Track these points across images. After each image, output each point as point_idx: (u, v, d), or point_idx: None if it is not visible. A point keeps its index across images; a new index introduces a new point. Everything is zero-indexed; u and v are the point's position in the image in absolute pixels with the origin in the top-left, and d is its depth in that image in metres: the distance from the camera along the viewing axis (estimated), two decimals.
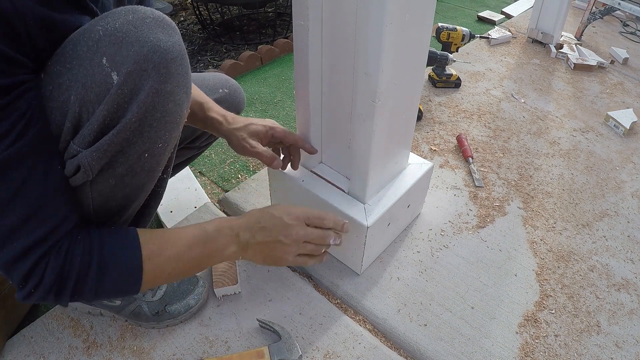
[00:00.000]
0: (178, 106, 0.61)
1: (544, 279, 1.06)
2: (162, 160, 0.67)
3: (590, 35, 2.23)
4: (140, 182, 0.67)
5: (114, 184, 0.63)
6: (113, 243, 0.63)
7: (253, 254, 0.76)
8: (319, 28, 0.80)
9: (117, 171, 0.61)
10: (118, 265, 0.63)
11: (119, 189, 0.64)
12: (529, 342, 0.93)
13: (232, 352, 0.89)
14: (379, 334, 0.95)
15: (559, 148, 1.48)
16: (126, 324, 0.93)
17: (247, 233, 0.75)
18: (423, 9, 0.77)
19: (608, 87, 1.83)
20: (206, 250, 0.71)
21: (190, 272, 0.74)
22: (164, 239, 0.68)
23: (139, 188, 0.68)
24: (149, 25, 0.56)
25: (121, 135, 0.57)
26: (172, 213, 1.42)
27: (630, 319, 0.98)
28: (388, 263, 1.07)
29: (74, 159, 0.58)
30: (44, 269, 0.58)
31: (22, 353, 0.89)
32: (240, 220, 0.76)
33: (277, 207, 0.79)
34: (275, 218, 0.76)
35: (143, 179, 0.66)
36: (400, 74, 0.81)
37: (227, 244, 0.73)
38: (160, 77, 0.56)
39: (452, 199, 1.25)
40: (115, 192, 0.65)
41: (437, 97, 1.70)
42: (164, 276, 0.68)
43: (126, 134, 0.58)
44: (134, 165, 0.62)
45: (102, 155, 0.58)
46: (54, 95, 0.56)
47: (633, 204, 1.28)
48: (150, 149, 0.62)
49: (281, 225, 0.76)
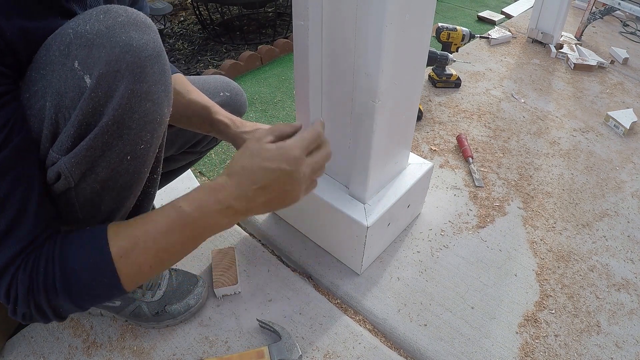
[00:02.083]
0: (157, 106, 0.59)
1: (544, 279, 1.06)
2: (147, 162, 0.64)
3: (590, 35, 2.23)
4: (127, 184, 0.64)
5: (99, 189, 0.61)
6: (77, 245, 0.59)
7: (256, 212, 0.66)
8: (319, 28, 0.80)
9: (99, 176, 0.59)
10: (86, 268, 0.58)
11: (105, 193, 0.62)
12: (529, 342, 0.93)
13: (232, 352, 0.89)
14: (379, 334, 0.95)
15: (559, 148, 1.48)
16: (126, 324, 0.93)
17: (242, 201, 0.62)
18: (423, 9, 0.77)
19: (608, 87, 1.83)
20: (187, 232, 0.61)
21: (179, 257, 0.65)
22: (135, 231, 0.60)
23: (126, 190, 0.65)
24: (122, 24, 0.54)
25: (99, 139, 0.56)
26: None
27: (630, 319, 0.98)
28: (388, 263, 1.07)
29: (54, 167, 0.57)
30: (17, 286, 0.56)
31: (22, 353, 0.89)
32: (229, 188, 0.62)
33: (264, 151, 0.63)
34: (273, 171, 0.62)
35: (129, 181, 0.63)
36: (400, 74, 0.81)
37: (217, 220, 0.62)
38: (135, 77, 0.55)
39: (452, 199, 1.25)
40: (101, 197, 0.62)
41: (437, 97, 1.70)
42: (146, 270, 0.61)
43: (104, 137, 0.56)
44: (117, 169, 0.60)
45: (81, 161, 0.56)
46: (31, 102, 0.55)
47: (633, 204, 1.28)
48: (132, 152, 0.60)
49: (284, 176, 0.63)
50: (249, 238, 1.12)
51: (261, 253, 1.09)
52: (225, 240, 1.11)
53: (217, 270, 0.99)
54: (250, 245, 1.11)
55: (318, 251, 1.09)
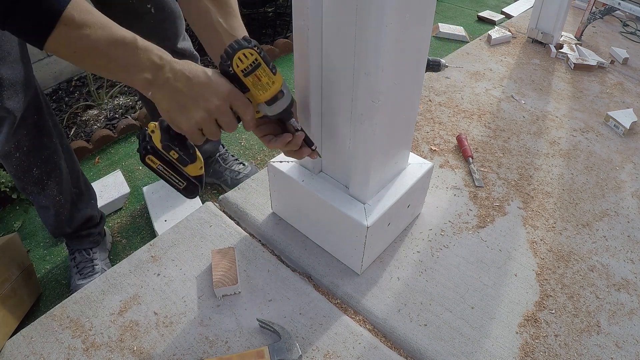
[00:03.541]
0: None
1: (544, 279, 1.06)
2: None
3: (590, 35, 2.23)
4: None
5: None
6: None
7: (162, 96, 0.70)
8: (319, 28, 0.80)
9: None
10: (34, 4, 0.58)
11: None
12: (529, 342, 0.93)
13: (232, 352, 0.89)
14: (379, 334, 0.95)
15: (559, 148, 1.48)
16: (126, 324, 0.93)
17: (171, 73, 0.68)
18: (423, 9, 0.77)
19: (608, 87, 1.83)
20: (125, 55, 0.65)
21: (94, 68, 0.67)
22: (96, 17, 0.63)
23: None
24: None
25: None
26: (166, 222, 1.42)
27: (630, 319, 0.98)
28: (388, 263, 1.07)
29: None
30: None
31: (22, 353, 0.89)
32: (175, 60, 0.69)
33: (215, 75, 0.71)
34: (208, 82, 0.69)
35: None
36: (400, 74, 0.81)
37: (148, 66, 0.67)
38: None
39: (452, 199, 1.25)
40: None
41: (437, 97, 1.70)
42: (69, 51, 0.63)
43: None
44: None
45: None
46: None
47: (633, 204, 1.28)
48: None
49: (207, 88, 0.69)
50: (249, 238, 1.12)
51: (261, 253, 1.09)
52: (225, 240, 1.11)
53: (217, 270, 0.99)
54: (250, 245, 1.11)
55: (318, 251, 1.09)
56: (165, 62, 0.68)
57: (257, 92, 0.73)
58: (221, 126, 0.73)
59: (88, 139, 1.86)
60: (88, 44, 0.63)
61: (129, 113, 2.02)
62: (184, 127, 0.71)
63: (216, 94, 0.70)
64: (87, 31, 0.62)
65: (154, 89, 0.69)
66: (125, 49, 0.65)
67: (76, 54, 0.64)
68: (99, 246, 1.34)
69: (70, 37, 0.62)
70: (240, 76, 0.71)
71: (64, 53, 0.64)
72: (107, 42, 0.64)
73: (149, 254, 1.08)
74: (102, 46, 0.64)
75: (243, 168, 1.56)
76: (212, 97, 0.70)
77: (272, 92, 0.74)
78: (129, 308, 0.97)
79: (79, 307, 0.97)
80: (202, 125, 0.71)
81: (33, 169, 1.12)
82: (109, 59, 0.65)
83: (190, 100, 0.69)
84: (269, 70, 0.72)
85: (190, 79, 0.69)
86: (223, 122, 0.73)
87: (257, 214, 1.17)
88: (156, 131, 0.73)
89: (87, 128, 1.95)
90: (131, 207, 1.57)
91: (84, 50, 0.63)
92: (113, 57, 0.65)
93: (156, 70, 0.67)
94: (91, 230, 1.32)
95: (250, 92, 0.73)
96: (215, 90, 0.70)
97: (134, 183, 1.65)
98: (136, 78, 0.67)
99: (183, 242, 1.11)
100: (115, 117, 1.99)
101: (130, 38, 0.65)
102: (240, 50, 0.69)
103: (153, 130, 0.73)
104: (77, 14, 0.61)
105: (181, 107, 0.70)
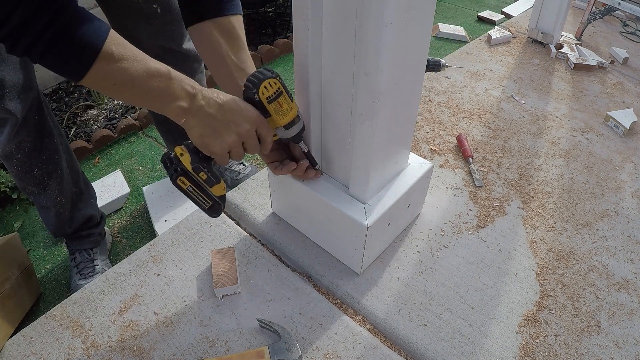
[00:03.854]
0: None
1: (544, 279, 1.06)
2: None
3: (590, 35, 2.23)
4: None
5: None
6: (84, 19, 0.62)
7: (196, 122, 0.74)
8: (319, 28, 0.80)
9: None
10: (80, 34, 0.61)
11: None
12: (529, 342, 0.93)
13: (232, 352, 0.89)
14: (379, 334, 0.95)
15: (559, 148, 1.48)
16: (126, 324, 0.93)
17: (204, 100, 0.73)
18: (423, 9, 0.77)
19: (608, 87, 1.83)
20: (161, 86, 0.69)
21: (132, 100, 0.72)
22: (131, 51, 0.66)
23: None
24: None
25: None
26: (166, 222, 1.42)
27: (630, 319, 0.99)
28: (388, 263, 1.07)
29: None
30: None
31: (22, 353, 0.89)
32: (204, 88, 0.75)
33: (241, 101, 0.78)
34: (238, 108, 0.75)
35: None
36: (400, 74, 0.81)
37: (182, 95, 0.71)
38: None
39: (452, 199, 1.25)
40: None
41: (437, 97, 1.70)
42: (107, 84, 0.66)
43: None
44: None
45: None
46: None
47: (633, 204, 1.28)
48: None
49: (238, 114, 0.75)
50: (249, 238, 1.12)
51: (261, 253, 1.09)
52: (225, 240, 1.11)
53: (217, 270, 0.99)
54: (250, 245, 1.11)
55: (318, 251, 1.09)
56: (197, 90, 0.73)
57: (278, 117, 0.80)
58: (246, 149, 0.79)
59: (88, 139, 1.86)
60: (126, 77, 0.66)
61: (129, 113, 2.02)
62: (216, 150, 0.76)
63: (246, 119, 0.76)
64: (125, 64, 0.65)
65: (188, 116, 0.73)
66: (161, 80, 0.69)
67: (115, 86, 0.67)
68: (99, 246, 1.34)
69: (109, 70, 0.64)
70: (265, 103, 0.78)
71: (101, 86, 0.68)
72: (145, 75, 0.67)
73: (149, 254, 1.08)
74: (140, 78, 0.67)
75: (243, 168, 1.56)
76: (243, 122, 0.76)
77: (290, 117, 0.82)
78: (129, 308, 0.97)
79: (79, 307, 0.97)
80: (232, 148, 0.77)
81: (34, 170, 1.12)
82: (145, 90, 0.69)
83: (222, 125, 0.75)
84: (288, 97, 0.81)
85: (222, 106, 0.74)
86: (249, 145, 0.79)
87: (257, 214, 1.18)
88: (185, 154, 0.77)
89: (87, 128, 1.95)
90: (131, 207, 1.57)
91: (123, 83, 0.67)
92: (150, 88, 0.68)
93: (191, 98, 0.72)
94: (92, 230, 1.32)
95: (272, 117, 0.81)
96: (245, 116, 0.76)
97: (134, 183, 1.65)
98: (172, 107, 0.71)
99: (183, 242, 1.11)
100: (115, 117, 1.99)
101: (164, 70, 0.70)
102: (266, 80, 0.77)
103: (182, 154, 0.77)
104: (116, 48, 0.64)
105: (215, 131, 0.74)
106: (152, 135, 1.89)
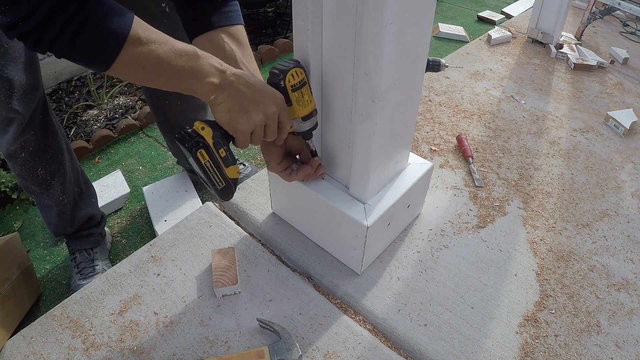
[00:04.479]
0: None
1: (544, 279, 1.06)
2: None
3: (590, 35, 2.23)
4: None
5: None
6: (109, 4, 0.61)
7: (225, 97, 0.74)
8: (319, 28, 0.80)
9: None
10: (105, 22, 0.60)
11: None
12: (529, 342, 0.93)
13: (232, 352, 0.89)
14: (379, 334, 0.95)
15: (559, 148, 1.48)
16: (126, 324, 0.93)
17: (234, 76, 0.73)
18: (423, 9, 0.77)
19: (608, 87, 1.83)
20: (190, 64, 0.69)
21: (161, 82, 0.71)
22: (157, 34, 0.66)
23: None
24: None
25: None
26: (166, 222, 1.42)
27: (630, 319, 0.99)
28: (388, 263, 1.07)
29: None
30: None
31: (22, 353, 0.89)
32: (230, 69, 0.74)
33: (268, 85, 0.79)
34: (266, 90, 0.76)
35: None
36: (400, 74, 0.81)
37: (212, 72, 0.71)
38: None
39: (452, 199, 1.25)
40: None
41: (437, 97, 1.70)
42: (138, 68, 0.66)
43: None
44: None
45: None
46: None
47: (633, 204, 1.28)
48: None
49: (266, 95, 0.76)
50: (249, 238, 1.12)
51: (261, 253, 1.09)
52: (225, 240, 1.11)
53: (217, 270, 0.99)
54: (250, 245, 1.11)
55: (318, 251, 1.09)
56: (225, 67, 0.73)
57: (298, 107, 0.81)
58: (266, 133, 0.79)
59: (88, 139, 1.86)
60: (156, 59, 0.66)
61: (129, 113, 2.02)
62: (242, 128, 0.76)
63: (274, 101, 0.77)
64: (153, 47, 0.65)
65: (218, 92, 0.73)
66: (189, 58, 0.69)
67: (144, 69, 0.66)
68: (99, 246, 1.34)
69: (137, 54, 0.64)
70: (289, 91, 0.79)
71: (130, 71, 0.67)
72: (173, 55, 0.67)
73: (149, 254, 1.08)
74: (169, 59, 0.67)
75: (243, 168, 1.56)
76: (271, 103, 0.76)
77: (309, 109, 0.83)
78: (129, 308, 0.97)
79: (79, 307, 0.97)
80: (256, 127, 0.76)
81: (38, 169, 1.13)
82: (175, 69, 0.68)
83: (251, 103, 0.75)
84: (309, 90, 0.82)
85: (252, 85, 0.74)
86: (270, 129, 0.79)
87: (257, 214, 1.18)
88: (206, 128, 0.76)
89: (87, 128, 1.95)
90: (131, 207, 1.57)
91: (152, 65, 0.66)
92: (179, 67, 0.68)
93: (221, 74, 0.72)
94: (92, 230, 1.32)
95: (292, 107, 0.81)
96: (273, 98, 0.77)
97: (134, 183, 1.65)
98: (202, 83, 0.71)
99: (183, 242, 1.11)
100: (115, 117, 1.99)
101: (191, 49, 0.69)
102: (294, 68, 0.78)
103: (203, 127, 0.76)
104: (142, 32, 0.64)
105: (243, 108, 0.75)
106: (152, 135, 1.89)
